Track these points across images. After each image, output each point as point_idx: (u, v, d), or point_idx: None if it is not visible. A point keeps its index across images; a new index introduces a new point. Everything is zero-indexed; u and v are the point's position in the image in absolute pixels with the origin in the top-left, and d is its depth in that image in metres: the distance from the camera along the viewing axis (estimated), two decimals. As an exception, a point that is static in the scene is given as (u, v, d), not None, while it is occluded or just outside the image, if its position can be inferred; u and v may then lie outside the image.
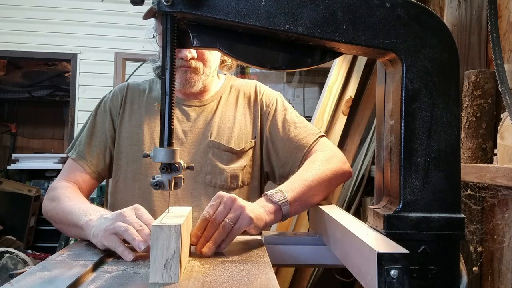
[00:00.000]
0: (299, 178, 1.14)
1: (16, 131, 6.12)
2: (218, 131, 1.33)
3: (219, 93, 1.40)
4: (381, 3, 0.83)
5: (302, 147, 1.30)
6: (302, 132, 1.33)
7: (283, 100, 1.42)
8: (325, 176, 1.17)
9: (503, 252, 1.52)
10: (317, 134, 1.33)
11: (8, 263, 2.21)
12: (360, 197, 2.69)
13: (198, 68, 1.28)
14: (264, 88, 1.43)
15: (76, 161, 1.32)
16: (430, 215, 0.81)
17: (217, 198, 0.99)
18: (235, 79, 1.47)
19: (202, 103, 1.37)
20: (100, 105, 1.40)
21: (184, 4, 0.81)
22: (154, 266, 0.75)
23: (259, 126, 1.36)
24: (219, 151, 1.30)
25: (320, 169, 1.18)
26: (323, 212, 1.05)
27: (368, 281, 0.70)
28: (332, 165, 1.21)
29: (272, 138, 1.35)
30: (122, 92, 1.40)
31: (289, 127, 1.34)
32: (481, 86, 1.56)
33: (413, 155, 0.82)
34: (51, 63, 5.49)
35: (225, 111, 1.37)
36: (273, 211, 1.05)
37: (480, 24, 1.76)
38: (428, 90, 0.82)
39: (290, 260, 1.08)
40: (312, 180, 1.14)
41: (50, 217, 1.22)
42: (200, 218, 0.97)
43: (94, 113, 1.39)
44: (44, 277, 0.76)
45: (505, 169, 1.31)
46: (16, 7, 4.49)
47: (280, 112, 1.37)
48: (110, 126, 1.36)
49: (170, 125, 0.83)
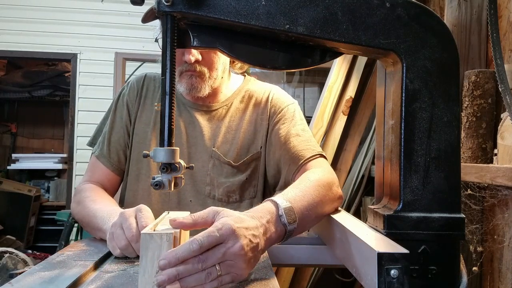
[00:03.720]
0: (304, 195, 0.97)
1: (16, 131, 6.12)
2: (222, 141, 1.28)
3: (231, 99, 1.33)
4: (381, 3, 0.83)
5: (297, 159, 1.20)
6: (302, 145, 1.22)
7: (295, 109, 1.31)
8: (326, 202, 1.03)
9: (503, 252, 1.52)
10: (317, 151, 1.22)
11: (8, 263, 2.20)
12: (360, 197, 2.69)
13: (204, 72, 1.22)
14: (278, 96, 1.34)
15: (98, 159, 1.32)
16: (430, 215, 0.80)
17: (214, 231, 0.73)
18: (253, 83, 1.40)
19: (210, 108, 1.32)
20: (119, 98, 1.37)
21: (184, 4, 0.81)
22: (143, 279, 0.68)
23: (265, 135, 1.29)
24: (220, 163, 1.26)
25: (322, 193, 1.02)
26: (323, 212, 1.05)
27: (368, 281, 0.70)
28: (332, 191, 1.07)
29: (272, 145, 1.27)
30: (139, 84, 1.36)
31: (290, 138, 1.24)
32: (481, 86, 1.56)
33: (413, 155, 0.82)
34: (51, 63, 5.48)
35: (232, 120, 1.31)
36: (276, 238, 0.85)
37: (480, 24, 1.76)
38: (428, 90, 0.82)
39: (290, 260, 1.08)
40: (316, 201, 0.99)
41: (78, 220, 1.22)
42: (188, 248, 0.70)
43: (114, 107, 1.36)
44: (44, 277, 0.76)
45: (505, 169, 1.31)
46: (16, 7, 4.48)
47: (287, 121, 1.28)
48: (127, 120, 1.33)
49: (170, 125, 0.83)
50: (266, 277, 0.78)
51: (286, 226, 0.86)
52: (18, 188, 4.82)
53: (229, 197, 1.26)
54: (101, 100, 4.43)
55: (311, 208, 0.96)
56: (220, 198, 1.25)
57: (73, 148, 4.61)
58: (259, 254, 0.80)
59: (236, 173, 1.27)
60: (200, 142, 1.29)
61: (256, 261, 0.80)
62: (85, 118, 4.55)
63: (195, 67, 1.21)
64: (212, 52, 1.22)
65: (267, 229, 0.83)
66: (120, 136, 1.32)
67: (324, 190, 1.03)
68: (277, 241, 0.87)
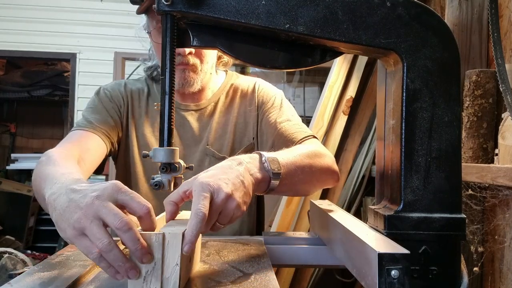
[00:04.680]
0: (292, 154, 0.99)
1: (16, 131, 6.12)
2: (214, 137, 1.30)
3: (217, 95, 1.36)
4: (381, 3, 0.82)
5: (291, 141, 1.20)
6: (294, 129, 1.24)
7: (282, 98, 1.35)
8: (317, 166, 1.04)
9: (504, 252, 1.52)
10: (310, 133, 1.24)
11: (8, 263, 2.20)
12: (361, 197, 2.69)
13: (196, 65, 1.23)
14: (264, 86, 1.38)
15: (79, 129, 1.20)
16: (431, 215, 0.80)
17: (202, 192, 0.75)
18: (236, 77, 1.42)
19: (199, 107, 1.34)
20: (100, 93, 1.34)
21: (184, 3, 0.80)
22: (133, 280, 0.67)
23: (256, 126, 1.32)
24: (215, 159, 1.27)
25: (312, 157, 1.04)
26: (323, 212, 1.05)
27: (369, 282, 0.70)
28: (325, 160, 1.09)
29: (265, 137, 1.29)
30: (122, 91, 1.35)
31: (281, 124, 1.26)
32: (482, 86, 1.55)
33: (414, 155, 0.81)
34: (50, 62, 5.48)
35: (222, 115, 1.33)
36: (258, 182, 0.87)
37: (481, 23, 1.75)
38: (429, 90, 0.82)
39: (290, 260, 1.08)
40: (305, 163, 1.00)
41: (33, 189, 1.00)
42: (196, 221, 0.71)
43: (96, 99, 1.33)
44: (44, 277, 0.76)
45: (506, 169, 1.31)
46: (15, 6, 4.48)
47: (276, 109, 1.31)
48: (115, 113, 1.30)
49: (170, 125, 0.82)
50: (266, 278, 0.78)
51: (269, 172, 0.89)
52: (17, 188, 4.82)
53: None
54: (100, 100, 4.43)
55: (299, 165, 0.98)
56: None
57: (72, 148, 4.60)
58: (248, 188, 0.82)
59: None
60: (192, 142, 1.31)
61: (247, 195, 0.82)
62: (85, 118, 4.55)
63: (188, 59, 1.21)
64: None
65: (249, 169, 0.86)
66: (106, 120, 1.27)
67: (314, 156, 1.05)
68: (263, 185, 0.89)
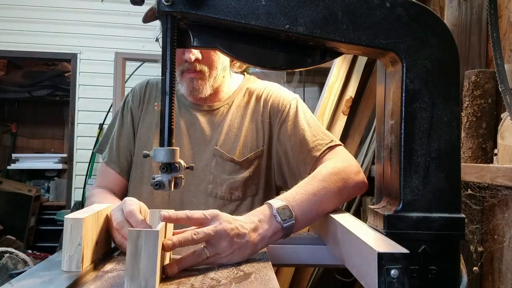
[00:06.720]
0: (305, 190, 1.01)
1: (16, 131, 6.12)
2: (224, 139, 1.28)
3: (232, 98, 1.34)
4: (381, 3, 0.83)
5: (313, 156, 1.20)
6: (311, 141, 1.23)
7: (297, 103, 1.31)
8: (334, 188, 1.05)
9: (503, 252, 1.52)
10: (327, 141, 1.23)
11: (8, 263, 2.21)
12: (360, 197, 2.69)
13: (204, 71, 1.23)
14: (277, 92, 1.34)
15: (108, 164, 1.35)
16: (430, 215, 0.80)
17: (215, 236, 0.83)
18: (253, 81, 1.40)
19: (211, 108, 1.33)
20: (124, 105, 1.40)
21: (184, 4, 0.81)
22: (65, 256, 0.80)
23: (267, 134, 1.30)
24: (222, 160, 1.26)
25: (328, 180, 1.05)
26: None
27: (368, 281, 0.70)
28: (343, 176, 1.08)
29: (282, 148, 1.27)
30: (142, 90, 1.39)
31: (299, 134, 1.24)
32: (481, 86, 1.56)
33: (413, 155, 0.82)
34: (51, 63, 5.48)
35: (234, 118, 1.31)
36: (271, 235, 0.92)
37: (480, 24, 1.76)
38: (428, 90, 0.82)
39: (290, 260, 1.08)
40: (320, 193, 1.02)
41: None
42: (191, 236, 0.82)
43: (120, 114, 1.39)
44: (44, 277, 0.76)
45: (505, 169, 1.31)
46: (16, 7, 4.48)
47: (292, 117, 1.27)
48: (132, 126, 1.36)
49: (170, 125, 0.83)
50: (266, 277, 0.78)
51: (281, 223, 0.92)
52: (18, 188, 4.82)
53: (231, 194, 1.26)
54: (101, 100, 4.44)
55: (313, 202, 1.00)
56: (223, 195, 1.25)
57: (73, 148, 4.61)
58: (248, 245, 0.87)
59: (239, 170, 1.27)
60: (202, 142, 1.30)
61: (242, 251, 0.86)
62: (85, 118, 4.55)
63: (195, 66, 1.22)
64: (212, 51, 1.23)
65: (258, 226, 0.90)
66: (128, 141, 1.36)
67: (330, 181, 1.05)
68: (276, 237, 0.93)
